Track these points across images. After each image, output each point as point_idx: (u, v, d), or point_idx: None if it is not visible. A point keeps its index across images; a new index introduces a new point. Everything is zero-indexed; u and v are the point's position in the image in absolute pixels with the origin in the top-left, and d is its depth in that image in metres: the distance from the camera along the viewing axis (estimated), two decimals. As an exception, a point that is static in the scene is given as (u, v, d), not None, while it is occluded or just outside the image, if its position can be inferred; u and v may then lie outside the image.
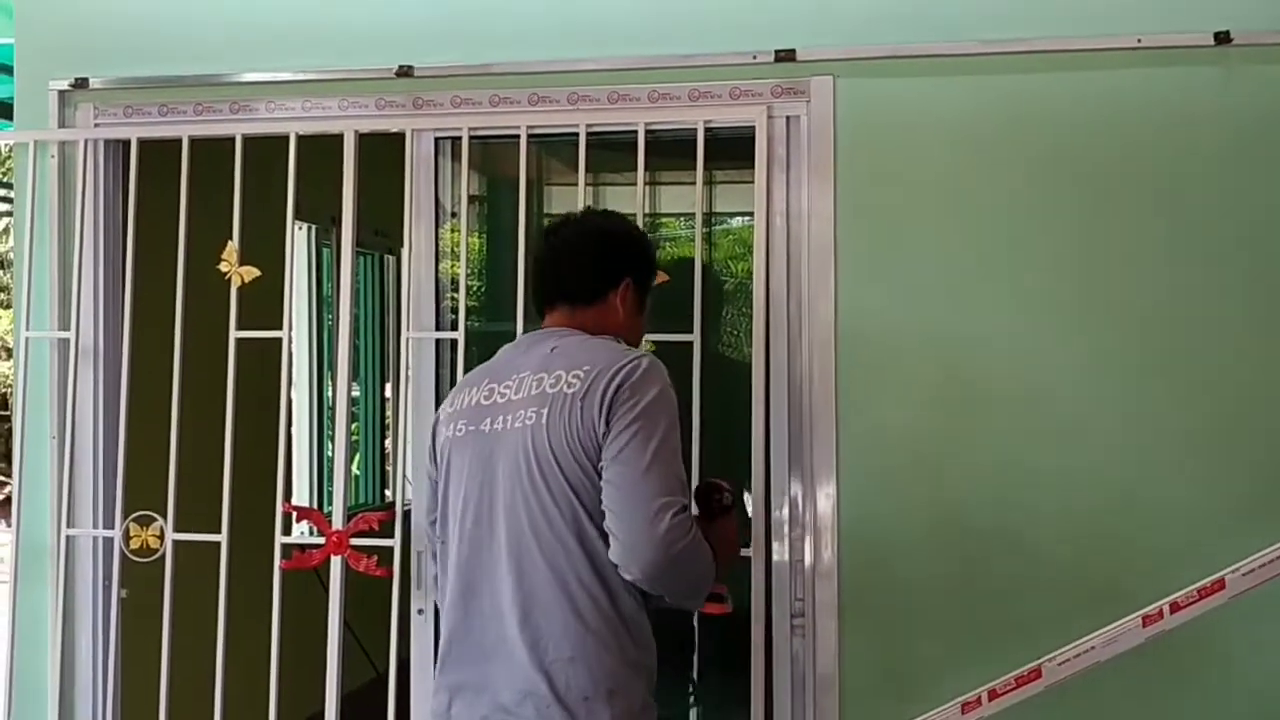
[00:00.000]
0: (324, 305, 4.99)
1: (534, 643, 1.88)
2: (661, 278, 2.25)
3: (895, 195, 2.61)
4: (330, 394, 5.32)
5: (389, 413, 5.91)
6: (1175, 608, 2.21)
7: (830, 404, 2.60)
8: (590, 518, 1.88)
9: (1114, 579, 2.48)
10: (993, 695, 2.22)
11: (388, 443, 6.02)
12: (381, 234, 4.38)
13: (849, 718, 2.57)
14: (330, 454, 5.30)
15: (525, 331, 2.53)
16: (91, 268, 2.86)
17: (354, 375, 5.25)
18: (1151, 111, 2.53)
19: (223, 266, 2.76)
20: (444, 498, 2.04)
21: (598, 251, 2.09)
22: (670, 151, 2.84)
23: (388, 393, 5.97)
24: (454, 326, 2.79)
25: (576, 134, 2.69)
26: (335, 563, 2.70)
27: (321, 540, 2.71)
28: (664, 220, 3.40)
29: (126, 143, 2.85)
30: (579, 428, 1.89)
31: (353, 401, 5.81)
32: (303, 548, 2.79)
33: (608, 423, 1.87)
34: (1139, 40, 2.52)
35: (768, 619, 2.60)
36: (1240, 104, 2.50)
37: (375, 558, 2.68)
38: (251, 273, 2.75)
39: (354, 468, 6.02)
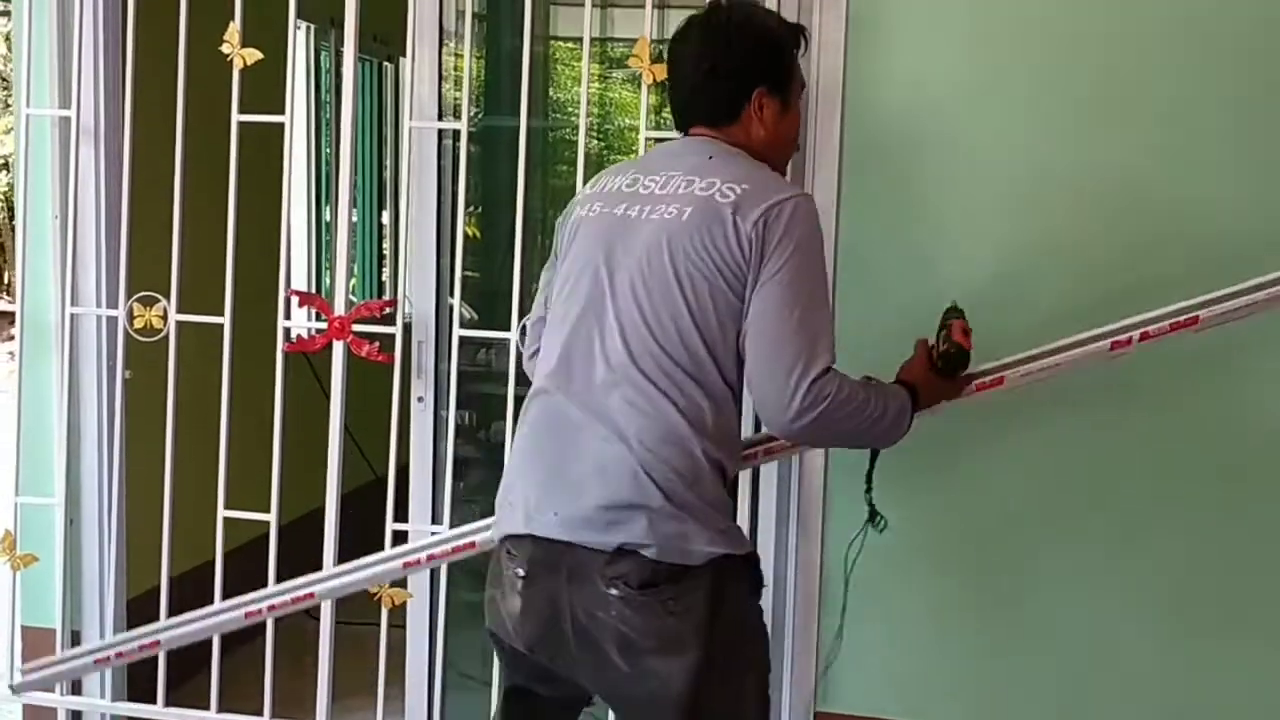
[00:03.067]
0: (322, 110, 4.94)
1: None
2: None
3: (914, 18, 2.53)
4: (329, 219, 5.32)
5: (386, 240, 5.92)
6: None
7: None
8: (700, 332, 1.81)
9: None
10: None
11: (385, 274, 6.03)
12: (380, 40, 4.33)
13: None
14: (328, 283, 5.31)
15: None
16: (91, 45, 2.81)
17: (352, 201, 5.25)
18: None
19: (224, 48, 2.72)
20: (561, 272, 1.98)
21: (710, 68, 1.94)
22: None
23: (385, 219, 5.97)
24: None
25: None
26: (337, 348, 2.73)
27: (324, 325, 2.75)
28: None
29: (125, -85, 2.79)
30: (726, 240, 1.79)
31: (351, 228, 5.81)
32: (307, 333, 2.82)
33: (761, 256, 1.79)
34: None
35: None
36: None
37: (377, 344, 2.71)
38: (253, 55, 2.69)
39: (350, 293, 6.04)
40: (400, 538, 2.73)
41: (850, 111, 2.56)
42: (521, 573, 1.88)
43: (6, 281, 11.27)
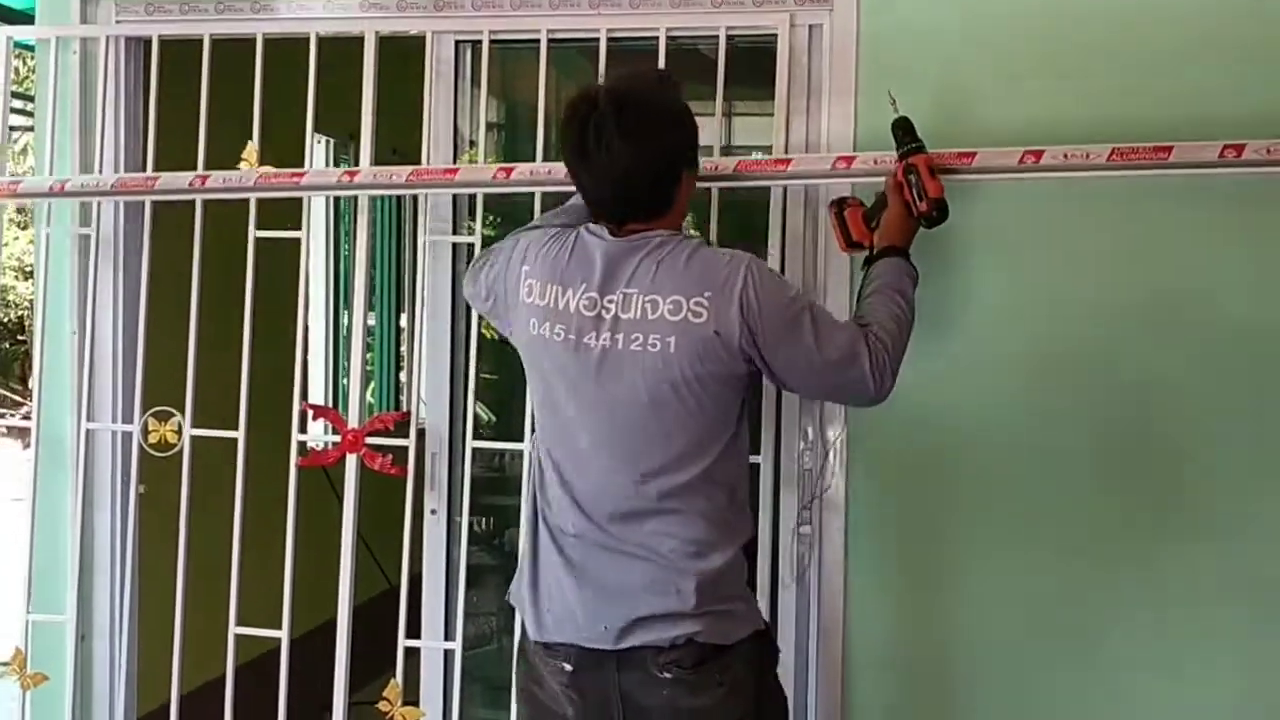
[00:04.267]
0: (340, 222, 5.01)
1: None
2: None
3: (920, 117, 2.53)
4: (346, 323, 5.36)
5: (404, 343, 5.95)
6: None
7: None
8: (710, 433, 1.97)
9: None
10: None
11: (402, 375, 6.06)
12: (399, 153, 4.38)
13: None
14: (345, 384, 5.34)
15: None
16: (112, 165, 2.87)
17: (369, 305, 5.31)
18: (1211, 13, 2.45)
19: (242, 166, 2.76)
20: (543, 400, 2.09)
21: (654, 168, 1.98)
22: (690, 77, 2.80)
23: (403, 322, 6.00)
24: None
25: (597, 40, 2.67)
26: (350, 461, 2.72)
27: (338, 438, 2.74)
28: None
29: (148, 40, 2.85)
30: (719, 356, 1.93)
31: (368, 331, 5.85)
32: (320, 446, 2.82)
33: (757, 341, 1.93)
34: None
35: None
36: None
37: (390, 456, 2.70)
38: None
39: (369, 396, 6.07)
40: (413, 654, 2.69)
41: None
42: (569, 666, 2.01)
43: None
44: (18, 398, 8.64)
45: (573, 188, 2.16)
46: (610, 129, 1.94)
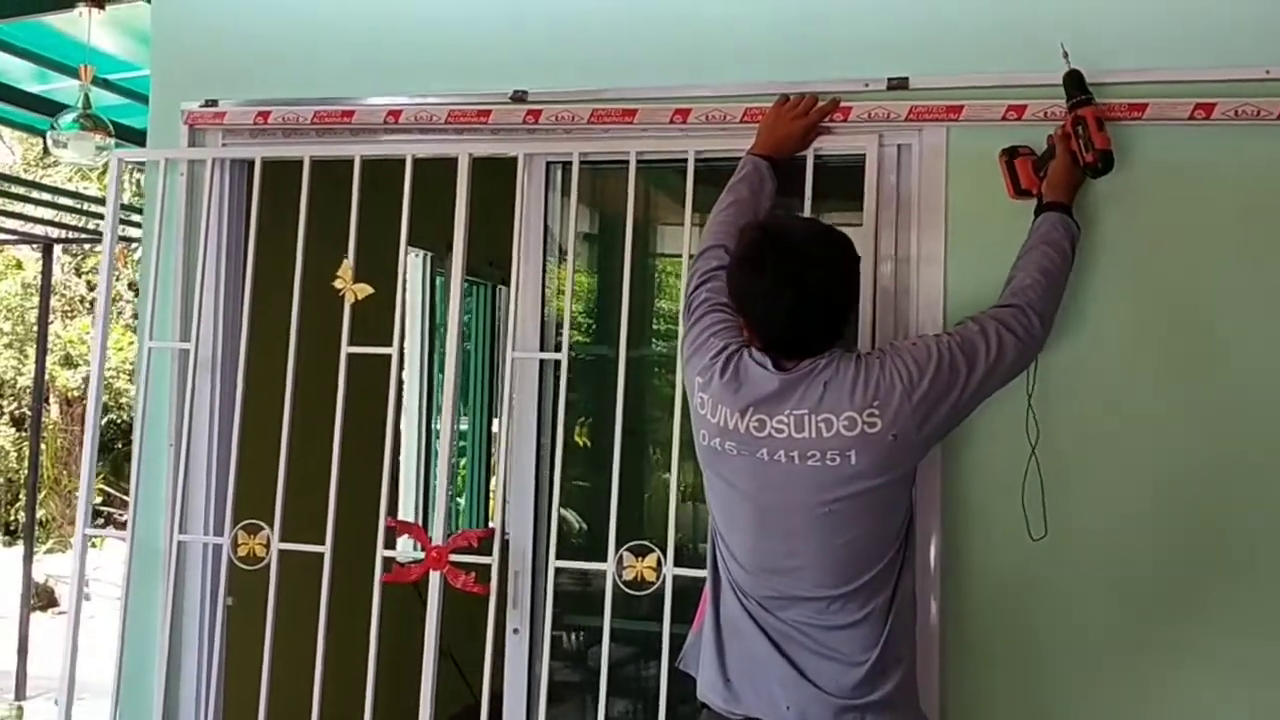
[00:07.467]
0: (436, 333, 5.08)
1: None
2: None
3: (1009, 231, 2.51)
4: (437, 427, 5.41)
5: (495, 448, 5.99)
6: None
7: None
8: (892, 531, 2.11)
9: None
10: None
11: (493, 481, 6.09)
12: (495, 265, 4.46)
13: None
14: (435, 486, 5.37)
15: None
16: (213, 282, 2.96)
17: (461, 409, 5.35)
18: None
19: (337, 284, 2.83)
20: (717, 501, 2.21)
21: (843, 298, 2.14)
22: (779, 189, 2.82)
23: (495, 428, 6.05)
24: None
25: (685, 161, 2.69)
26: (434, 578, 2.72)
27: (422, 556, 2.74)
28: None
29: (251, 162, 2.95)
30: (900, 464, 2.08)
31: (460, 435, 5.87)
32: (404, 563, 2.82)
33: (935, 415, 2.07)
34: (1267, 71, 2.42)
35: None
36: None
37: (474, 574, 2.69)
38: (365, 290, 2.81)
39: (459, 500, 6.10)
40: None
41: (951, 318, 2.53)
42: None
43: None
44: (126, 497, 8.86)
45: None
46: (808, 263, 2.07)
